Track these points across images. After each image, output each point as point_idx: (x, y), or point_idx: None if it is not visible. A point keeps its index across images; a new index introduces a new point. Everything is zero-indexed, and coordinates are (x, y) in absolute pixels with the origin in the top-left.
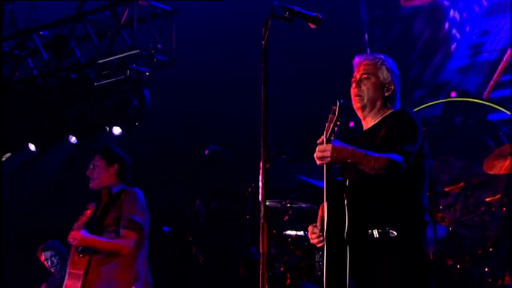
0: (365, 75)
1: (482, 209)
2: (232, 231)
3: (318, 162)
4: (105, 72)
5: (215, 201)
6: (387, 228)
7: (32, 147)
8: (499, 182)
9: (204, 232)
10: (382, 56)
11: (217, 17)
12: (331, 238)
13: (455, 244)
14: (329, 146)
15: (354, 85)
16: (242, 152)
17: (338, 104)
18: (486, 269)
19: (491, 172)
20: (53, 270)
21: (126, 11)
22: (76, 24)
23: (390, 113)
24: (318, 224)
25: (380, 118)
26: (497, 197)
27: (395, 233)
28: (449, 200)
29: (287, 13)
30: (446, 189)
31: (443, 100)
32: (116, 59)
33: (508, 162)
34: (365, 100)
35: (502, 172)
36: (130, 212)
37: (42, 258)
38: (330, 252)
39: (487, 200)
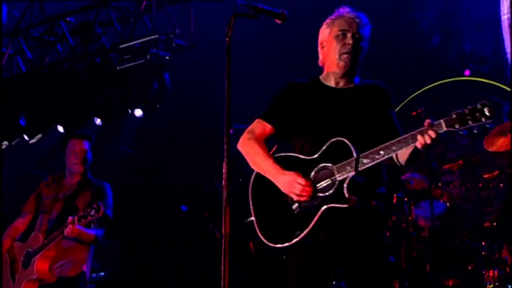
0: (358, 36)
1: (480, 185)
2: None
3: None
4: (127, 56)
5: (234, 179)
6: (374, 201)
7: (60, 128)
8: (497, 159)
9: (221, 209)
10: (366, 17)
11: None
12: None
13: (455, 219)
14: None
15: (349, 39)
16: None
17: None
18: (483, 243)
19: (491, 149)
20: None
21: None
22: (100, 11)
23: (365, 84)
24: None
25: (354, 83)
26: (495, 173)
27: (380, 204)
28: (448, 177)
29: (251, 11)
30: (445, 167)
31: (456, 79)
32: (137, 43)
33: (507, 139)
34: (353, 61)
35: (502, 150)
36: (105, 207)
37: None
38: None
39: (485, 176)
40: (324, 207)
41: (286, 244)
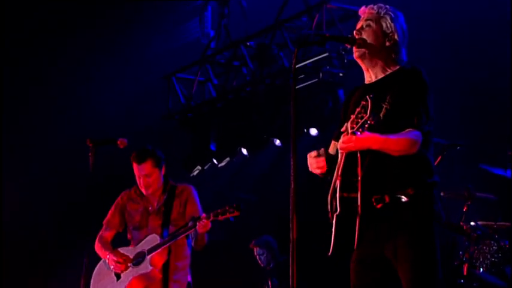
0: (366, 23)
1: None
2: None
3: (340, 151)
4: (301, 76)
5: None
6: (398, 193)
7: (244, 151)
8: None
9: None
10: (387, 6)
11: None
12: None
13: None
14: (353, 137)
15: (354, 33)
16: None
17: (369, 100)
18: None
19: None
20: (262, 265)
21: (317, 16)
22: (276, 32)
23: (399, 70)
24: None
25: (387, 73)
26: None
27: (407, 198)
28: None
29: (318, 39)
30: None
31: None
32: (309, 63)
33: None
34: (363, 55)
35: None
36: (198, 210)
37: (255, 252)
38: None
39: None
40: None
41: None
